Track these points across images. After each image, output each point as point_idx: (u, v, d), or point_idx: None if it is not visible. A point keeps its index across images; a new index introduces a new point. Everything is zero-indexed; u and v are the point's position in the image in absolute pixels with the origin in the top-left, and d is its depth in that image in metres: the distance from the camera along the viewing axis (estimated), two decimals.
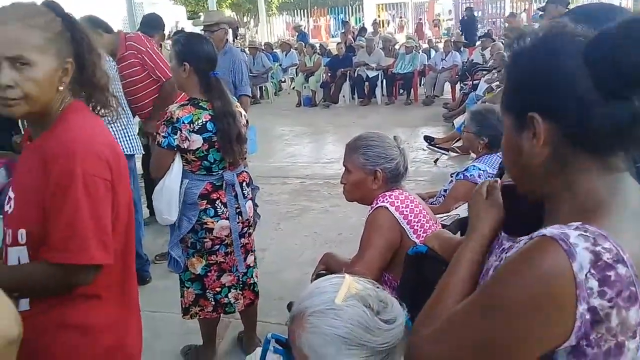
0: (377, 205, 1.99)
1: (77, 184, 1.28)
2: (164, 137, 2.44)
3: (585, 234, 0.80)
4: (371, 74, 11.14)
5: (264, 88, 12.39)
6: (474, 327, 0.88)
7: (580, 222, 0.82)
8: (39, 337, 1.33)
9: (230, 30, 5.41)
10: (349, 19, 22.88)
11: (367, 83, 11.28)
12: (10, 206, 1.37)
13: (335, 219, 4.99)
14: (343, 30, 16.30)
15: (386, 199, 1.98)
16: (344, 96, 11.65)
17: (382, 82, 11.30)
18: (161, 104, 3.75)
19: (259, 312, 3.01)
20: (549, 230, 0.82)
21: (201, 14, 19.14)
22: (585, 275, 0.78)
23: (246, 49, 11.94)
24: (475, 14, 16.91)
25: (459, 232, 1.99)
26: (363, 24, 21.16)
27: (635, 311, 0.79)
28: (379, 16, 23.96)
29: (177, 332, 3.14)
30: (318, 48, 13.15)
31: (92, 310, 1.42)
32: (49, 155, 1.30)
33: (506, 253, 0.97)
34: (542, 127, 0.86)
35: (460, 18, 16.50)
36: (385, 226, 1.94)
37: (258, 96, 12.01)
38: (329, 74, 11.69)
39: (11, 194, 1.39)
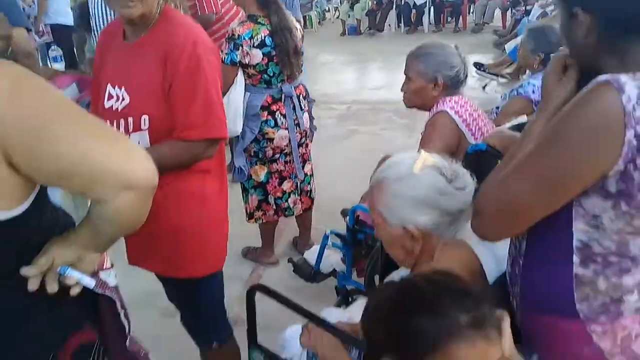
0: (437, 110, 2.07)
1: (204, 67, 1.48)
2: (226, 54, 2.54)
3: (633, 76, 0.93)
4: (418, 1, 10.85)
5: (307, 17, 12.23)
6: (539, 162, 1.01)
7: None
8: (164, 203, 1.50)
9: None
10: None
11: (414, 11, 11.01)
12: (121, 100, 1.53)
13: (382, 141, 5.06)
14: None
15: (446, 104, 2.05)
16: (389, 24, 11.43)
17: (429, 9, 11.00)
18: None
19: (312, 221, 3.20)
20: (602, 76, 0.94)
21: None
22: (633, 106, 0.90)
23: None
24: None
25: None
26: None
27: None
28: None
29: (238, 233, 3.34)
30: None
31: (206, 182, 1.64)
32: (170, 50, 1.47)
33: None
34: (584, 18, 1.02)
35: None
36: (444, 128, 2.02)
37: (302, 25, 11.90)
38: (375, 2, 11.44)
39: (116, 90, 1.55)
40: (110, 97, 1.56)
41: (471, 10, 11.34)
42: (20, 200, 0.95)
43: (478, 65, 6.58)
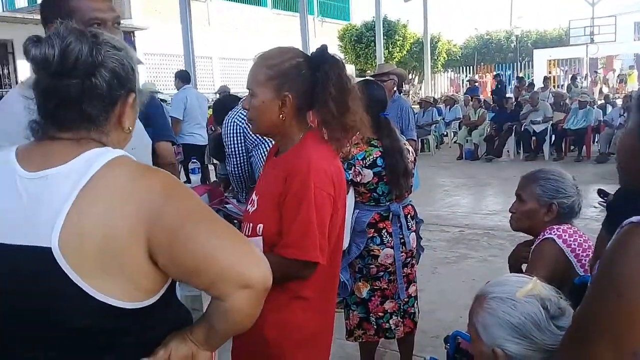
0: (544, 237, 2.03)
1: (310, 195, 1.57)
2: None
3: None
4: (538, 128, 10.80)
5: (425, 140, 12.56)
6: (595, 311, 0.99)
7: None
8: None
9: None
10: (518, 75, 22.36)
11: (534, 138, 10.95)
12: (253, 206, 1.73)
13: (494, 268, 4.90)
14: (517, 85, 16.01)
15: (554, 232, 2.02)
16: (508, 150, 11.40)
17: (550, 137, 10.88)
18: None
19: (414, 347, 3.10)
20: (635, 218, 0.94)
21: (368, 71, 20.06)
22: None
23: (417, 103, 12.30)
24: None
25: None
26: (532, 80, 20.55)
27: None
28: (549, 72, 23.13)
29: (337, 354, 3.33)
30: (483, 103, 13.10)
31: (300, 309, 1.66)
32: (290, 170, 1.62)
33: None
34: None
35: None
36: (551, 257, 1.98)
37: (419, 148, 12.21)
38: (494, 128, 11.54)
39: (254, 197, 1.75)
40: (252, 202, 1.75)
41: (596, 139, 11.04)
42: (153, 292, 1.08)
43: (602, 193, 6.29)
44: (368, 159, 2.72)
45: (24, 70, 15.23)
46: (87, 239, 1.00)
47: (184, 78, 8.06)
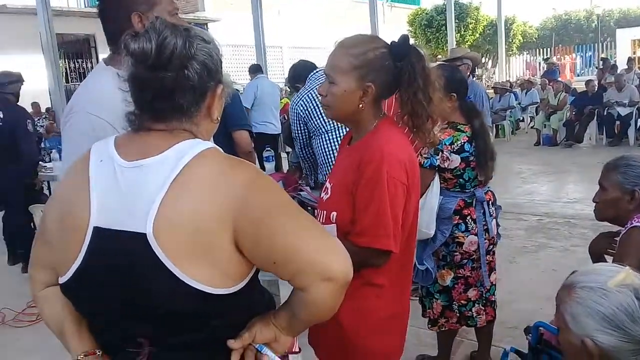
0: (632, 225, 1.96)
1: (382, 184, 1.56)
2: (426, 158, 2.68)
3: None
4: (623, 112, 10.23)
5: (500, 126, 12.19)
6: None
7: None
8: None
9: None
10: (601, 57, 21.24)
11: (618, 122, 10.39)
12: (327, 194, 1.74)
13: (576, 258, 4.70)
14: (601, 67, 15.23)
15: None
16: (589, 136, 10.87)
17: (635, 121, 10.28)
18: None
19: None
20: None
21: (439, 56, 19.65)
22: None
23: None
24: None
25: None
26: (615, 61, 19.46)
27: None
28: (634, 53, 21.82)
29: (411, 341, 3.30)
30: (562, 86, 12.54)
31: (374, 295, 1.67)
32: (363, 158, 1.61)
33: None
34: None
35: None
36: (638, 246, 1.89)
37: (494, 134, 11.86)
38: (574, 112, 11.03)
39: (328, 184, 1.76)
40: (325, 189, 1.77)
41: None
42: (240, 279, 1.12)
43: None
44: (456, 144, 2.68)
45: None
46: (179, 227, 1.05)
47: (255, 70, 8.20)
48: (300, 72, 3.87)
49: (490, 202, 2.83)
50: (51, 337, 1.33)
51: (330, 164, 3.28)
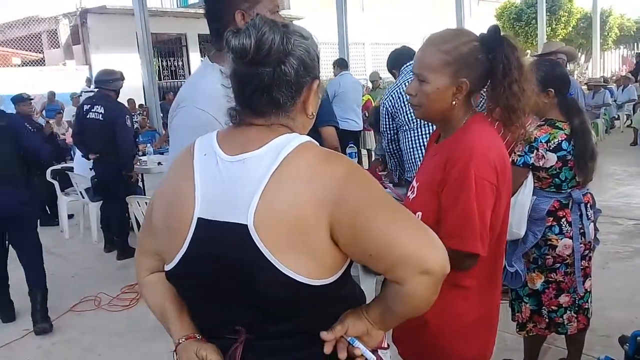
0: None
1: (470, 184, 1.51)
2: (519, 155, 2.58)
3: None
4: None
5: (593, 124, 11.53)
6: None
7: None
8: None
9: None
10: None
11: None
12: (413, 193, 1.72)
13: None
14: None
15: None
16: None
17: None
18: None
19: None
20: None
21: (528, 51, 18.91)
22: None
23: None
24: None
25: None
26: None
27: None
28: None
29: (496, 346, 3.21)
30: None
31: (460, 297, 1.63)
32: (450, 157, 1.57)
33: None
34: None
35: None
36: None
37: None
38: None
39: (415, 183, 1.74)
40: (412, 188, 1.74)
41: None
42: (334, 271, 1.13)
43: None
44: (553, 141, 2.57)
45: (195, 62, 16.58)
46: (279, 219, 1.08)
47: (341, 65, 8.22)
48: (399, 59, 3.74)
49: (588, 204, 2.71)
50: (142, 322, 1.40)
51: (415, 160, 3.24)
